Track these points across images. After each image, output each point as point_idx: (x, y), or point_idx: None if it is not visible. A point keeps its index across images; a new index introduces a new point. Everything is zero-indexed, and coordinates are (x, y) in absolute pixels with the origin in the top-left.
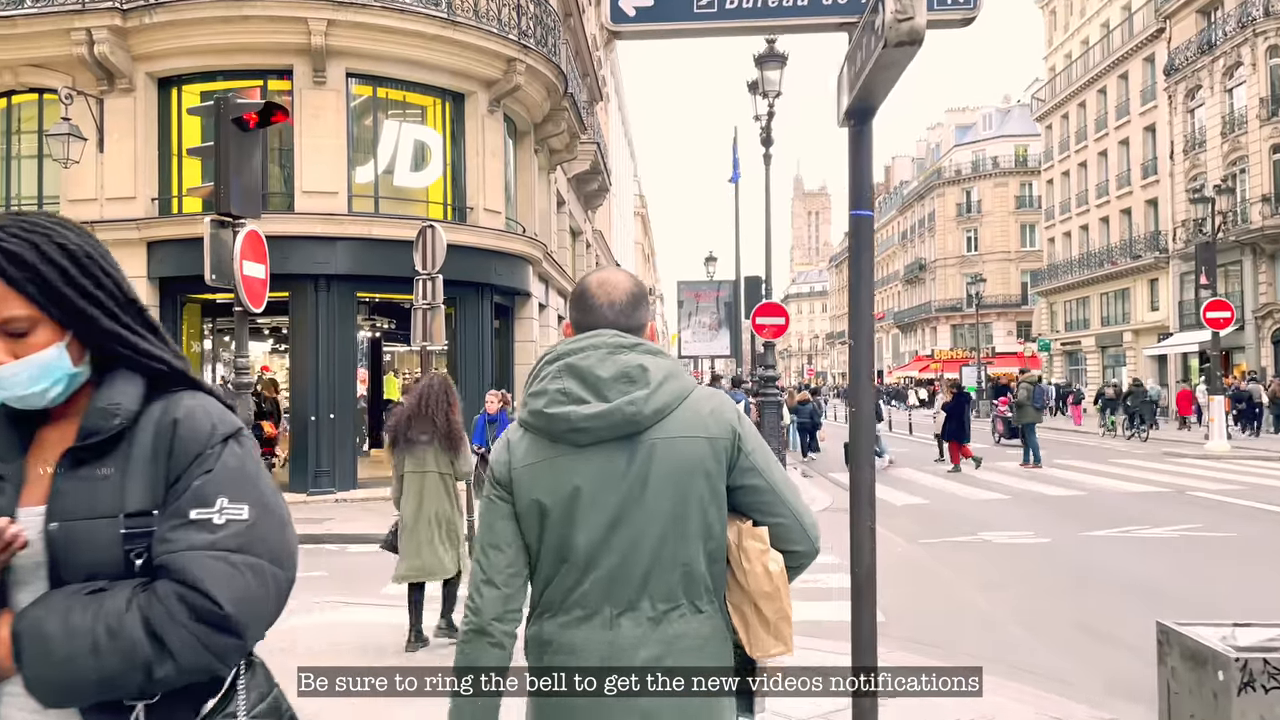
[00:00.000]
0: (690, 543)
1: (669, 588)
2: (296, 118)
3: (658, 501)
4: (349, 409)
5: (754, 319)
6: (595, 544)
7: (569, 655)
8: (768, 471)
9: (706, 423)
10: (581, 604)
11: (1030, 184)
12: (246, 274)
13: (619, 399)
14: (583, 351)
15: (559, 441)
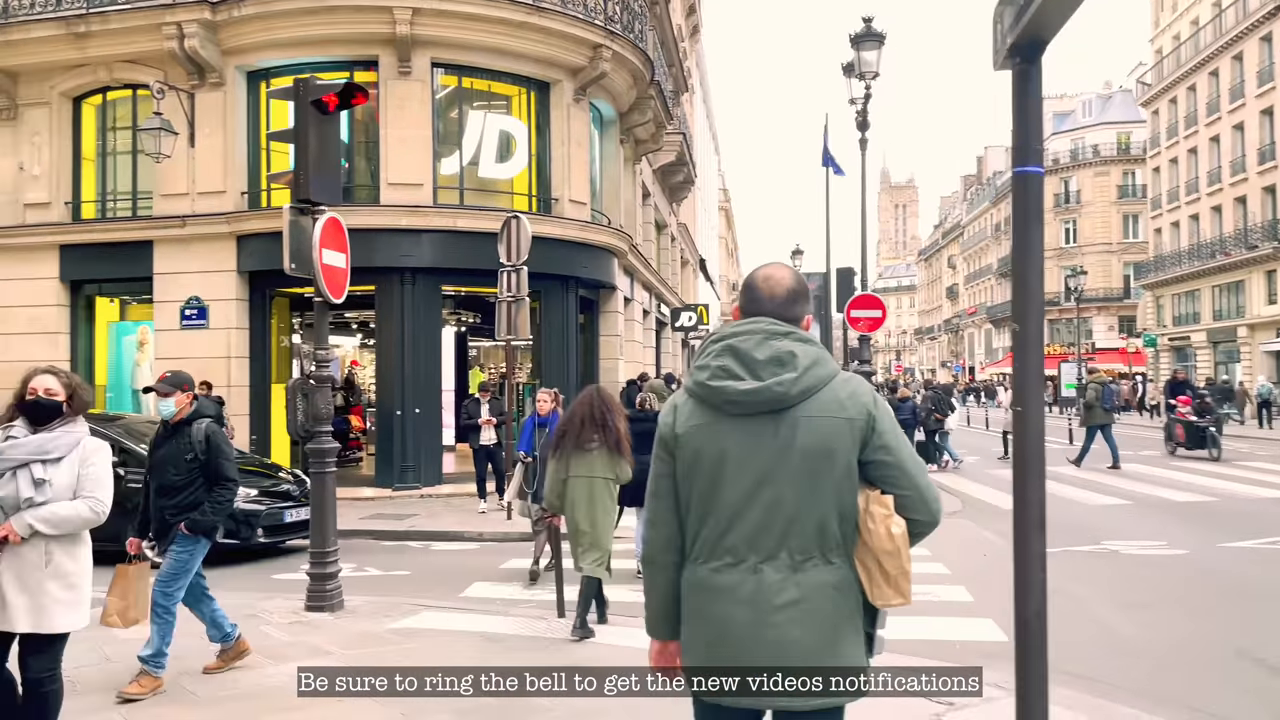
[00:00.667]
0: (824, 505)
1: (804, 542)
2: (381, 109)
3: (797, 469)
4: (434, 404)
5: (848, 311)
6: (740, 501)
7: (719, 594)
8: (897, 450)
9: (844, 405)
10: (731, 552)
11: (1134, 172)
12: (326, 263)
13: (770, 379)
14: (743, 335)
15: (717, 410)
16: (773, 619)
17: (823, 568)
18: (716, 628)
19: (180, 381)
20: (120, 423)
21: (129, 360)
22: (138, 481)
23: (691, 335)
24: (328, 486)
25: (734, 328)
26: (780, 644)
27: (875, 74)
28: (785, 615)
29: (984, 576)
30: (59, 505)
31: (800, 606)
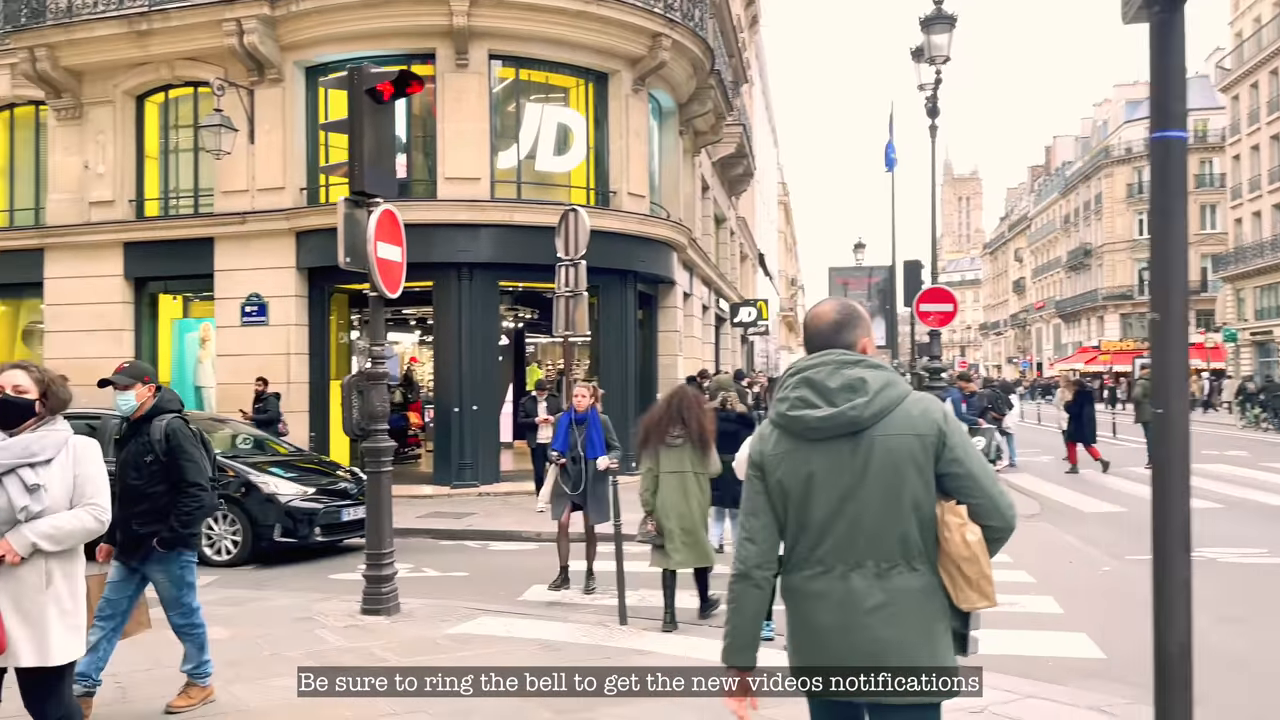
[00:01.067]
0: (903, 516)
1: (888, 551)
2: (439, 102)
3: (876, 484)
4: (492, 401)
5: (918, 305)
6: (827, 517)
7: (816, 599)
8: (968, 462)
9: (916, 423)
10: (821, 562)
11: (1211, 161)
12: (381, 256)
13: (844, 404)
14: (816, 366)
15: (799, 437)
16: (863, 621)
17: (907, 574)
18: (813, 630)
19: (140, 373)
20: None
21: (191, 357)
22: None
23: (751, 331)
24: (383, 486)
25: (808, 360)
26: (873, 643)
27: (946, 58)
28: (874, 618)
29: (1071, 585)
30: (60, 517)
31: (888, 609)
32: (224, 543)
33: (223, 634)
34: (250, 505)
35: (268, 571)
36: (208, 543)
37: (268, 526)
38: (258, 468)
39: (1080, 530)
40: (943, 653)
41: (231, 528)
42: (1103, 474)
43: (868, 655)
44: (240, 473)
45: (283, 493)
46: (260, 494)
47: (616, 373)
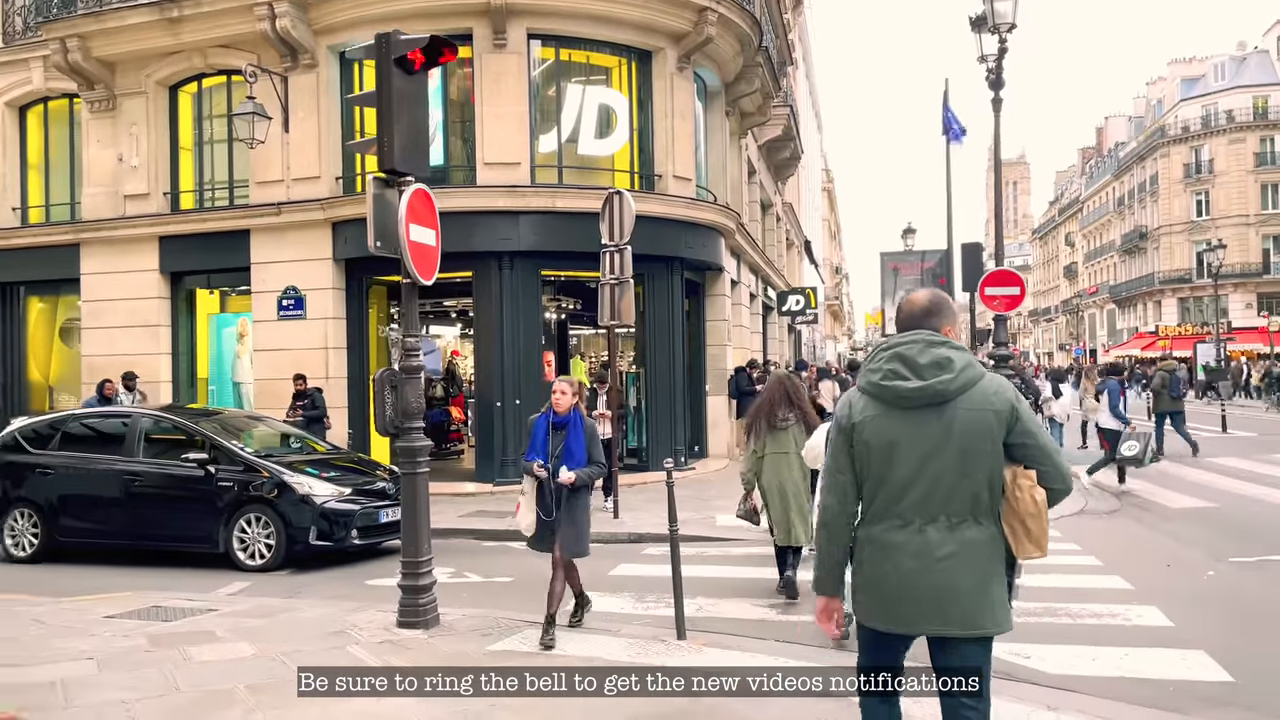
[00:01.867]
0: (976, 479)
1: (960, 508)
2: (477, 85)
3: (954, 451)
4: (535, 394)
5: (982, 289)
6: (909, 476)
7: (893, 549)
8: (1037, 435)
9: (991, 400)
10: (900, 516)
11: (1273, 139)
12: (414, 239)
13: (932, 379)
14: (908, 344)
15: (889, 404)
16: (936, 567)
17: (974, 528)
18: (892, 575)
19: None
20: (216, 418)
21: (229, 353)
22: (230, 481)
23: (799, 320)
24: (419, 488)
25: (900, 338)
26: (942, 587)
27: (1012, 25)
28: (945, 565)
29: (1176, 593)
30: None
31: (957, 558)
32: (258, 546)
33: (246, 651)
34: (284, 507)
35: (303, 577)
36: (240, 546)
37: (303, 529)
38: (292, 467)
39: (1169, 528)
40: (999, 595)
41: (265, 530)
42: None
43: (937, 596)
44: (274, 473)
45: (318, 493)
46: (294, 495)
47: (663, 364)
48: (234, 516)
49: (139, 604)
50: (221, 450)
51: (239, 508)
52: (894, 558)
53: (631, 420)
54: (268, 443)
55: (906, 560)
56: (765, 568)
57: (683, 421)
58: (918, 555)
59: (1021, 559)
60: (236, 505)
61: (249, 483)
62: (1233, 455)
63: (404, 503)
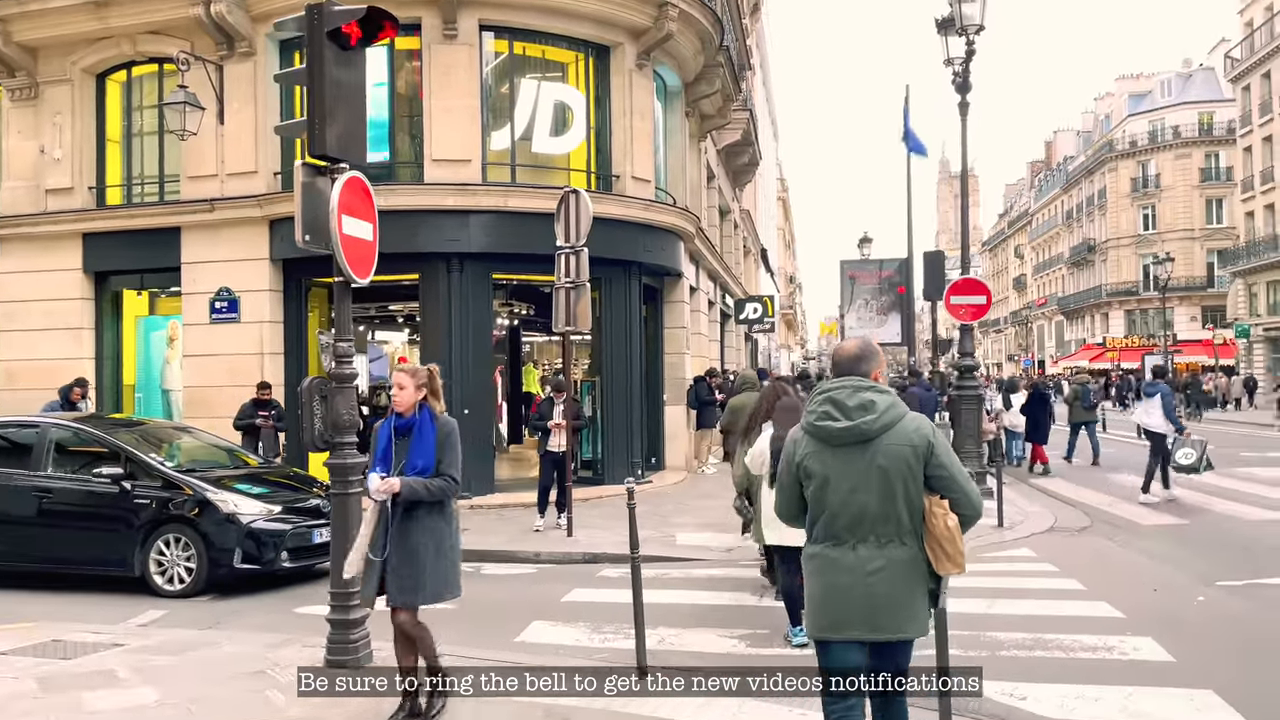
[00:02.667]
0: (897, 505)
1: (886, 530)
2: (425, 77)
3: (878, 481)
4: (485, 403)
5: (948, 298)
6: (841, 503)
7: (830, 564)
8: (949, 467)
9: (911, 437)
10: (836, 536)
11: (1218, 154)
12: (347, 233)
13: (858, 420)
14: (838, 389)
15: (822, 441)
16: (866, 580)
17: (899, 547)
18: (831, 586)
19: None
20: (137, 429)
21: (158, 358)
22: (147, 499)
23: (756, 328)
24: (352, 509)
25: (834, 383)
26: (872, 596)
27: (979, 27)
28: (875, 578)
29: (1169, 621)
30: None
31: (885, 572)
32: (177, 569)
33: (149, 697)
34: (206, 526)
35: (226, 604)
36: (158, 570)
37: (226, 551)
38: (218, 483)
39: (1145, 547)
40: (920, 605)
41: (186, 552)
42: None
43: (869, 605)
44: (196, 489)
45: (244, 512)
46: (218, 513)
47: (620, 372)
48: (151, 537)
49: (38, 637)
50: (139, 464)
51: (157, 527)
52: (833, 571)
53: (586, 431)
54: (194, 456)
55: (842, 575)
56: (730, 592)
57: (640, 432)
58: (851, 570)
59: (942, 574)
60: (155, 525)
61: (169, 500)
62: None
63: (333, 525)
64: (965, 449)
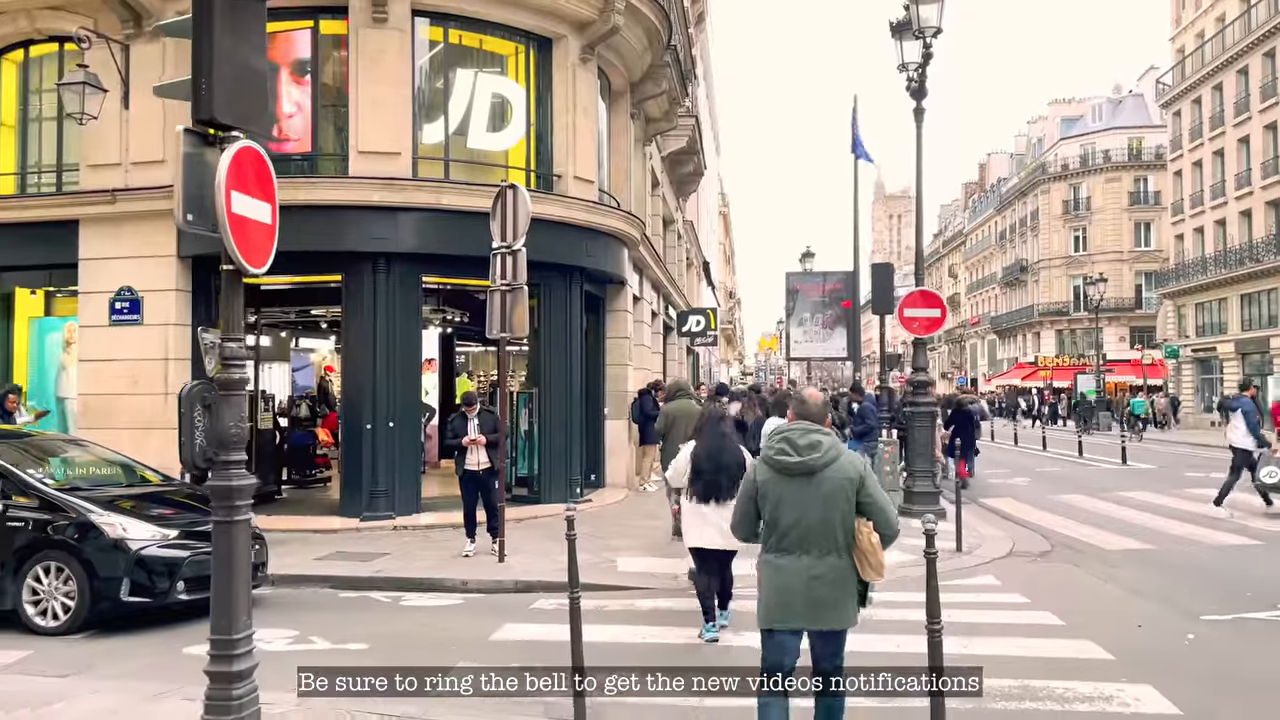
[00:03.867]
0: (835, 524)
1: (825, 544)
2: (352, 63)
3: (820, 506)
4: (412, 416)
5: (901, 311)
6: (790, 522)
7: (780, 569)
8: (875, 495)
9: (848, 471)
10: (786, 549)
11: (1146, 179)
12: (238, 212)
13: (807, 456)
14: (794, 431)
15: (779, 472)
16: (809, 583)
17: (835, 558)
18: (779, 587)
19: None
20: (20, 441)
21: (53, 363)
22: (22, 521)
23: (698, 341)
24: (237, 540)
25: (789, 426)
26: (813, 596)
27: (937, 30)
28: (816, 581)
29: (1166, 665)
30: None
31: (824, 577)
32: (53, 603)
33: None
34: (90, 553)
35: (105, 642)
36: (32, 603)
37: (112, 581)
38: (107, 504)
39: (1117, 575)
40: (851, 603)
41: (65, 583)
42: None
43: (810, 602)
44: (79, 511)
45: (134, 537)
46: (103, 538)
47: (559, 384)
48: (26, 565)
49: None
50: (13, 481)
51: (33, 554)
52: (781, 575)
53: (523, 446)
54: (83, 473)
55: (790, 577)
56: (675, 627)
57: (580, 448)
58: (796, 574)
59: (867, 580)
60: (30, 551)
61: (48, 523)
62: (1142, 489)
63: (215, 559)
64: (918, 467)
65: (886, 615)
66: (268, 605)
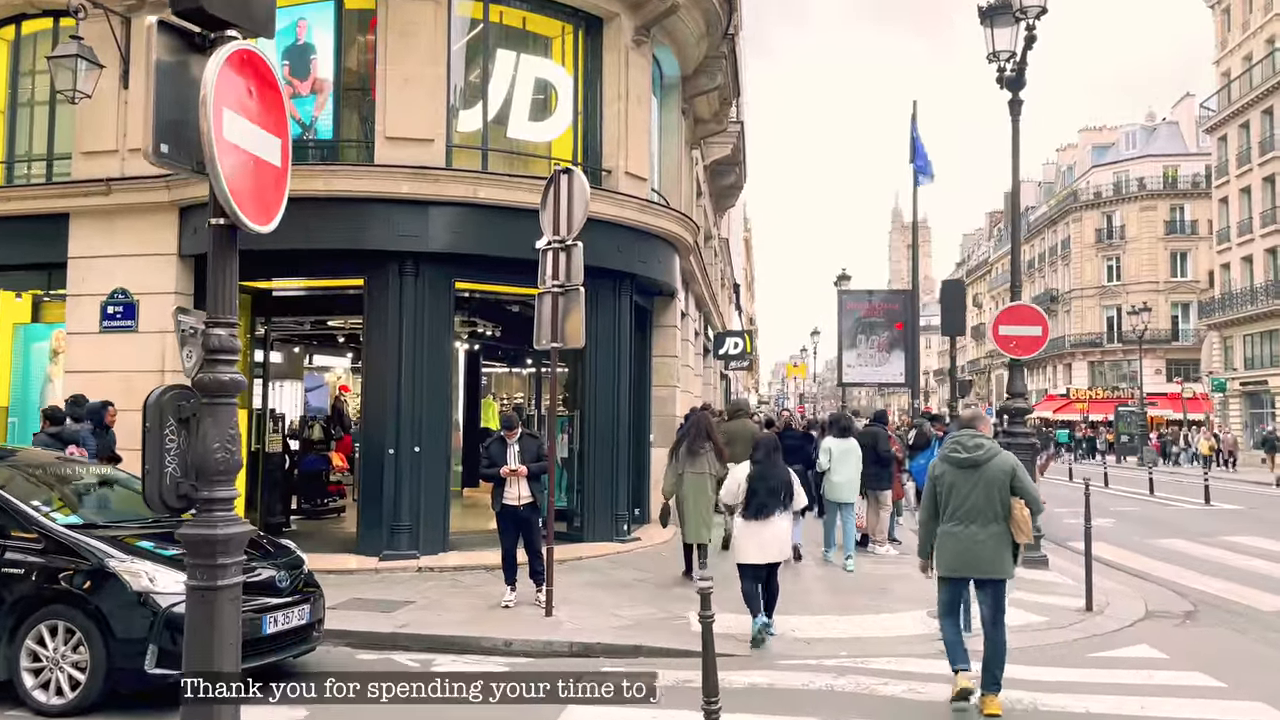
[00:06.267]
0: (995, 501)
1: (988, 515)
2: (380, 37)
3: (983, 488)
4: (441, 440)
5: (995, 329)
6: (960, 500)
7: (954, 538)
8: (1024, 480)
9: (1003, 464)
10: (959, 519)
11: (1182, 207)
12: (233, 141)
13: (975, 453)
14: (963, 435)
15: (952, 465)
16: (976, 545)
17: (995, 525)
18: (954, 549)
19: None
20: (9, 460)
21: (39, 375)
22: (21, 567)
23: (733, 365)
24: (222, 618)
25: (960, 434)
26: (979, 554)
27: (1042, 9)
28: (981, 544)
29: None
30: None
31: (988, 541)
32: (58, 674)
33: None
34: (108, 608)
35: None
36: (32, 669)
37: (135, 645)
38: (124, 545)
39: None
40: (1009, 558)
41: (75, 649)
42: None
43: (977, 558)
44: (94, 554)
45: (163, 589)
46: (124, 590)
47: (605, 407)
48: (25, 625)
49: None
50: (12, 515)
51: (36, 609)
52: (956, 540)
53: (561, 475)
54: (92, 504)
55: (962, 541)
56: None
57: (627, 479)
58: (967, 539)
59: (1021, 542)
60: (32, 606)
61: (54, 570)
62: (1247, 533)
63: (190, 644)
64: None
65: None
66: (272, 674)
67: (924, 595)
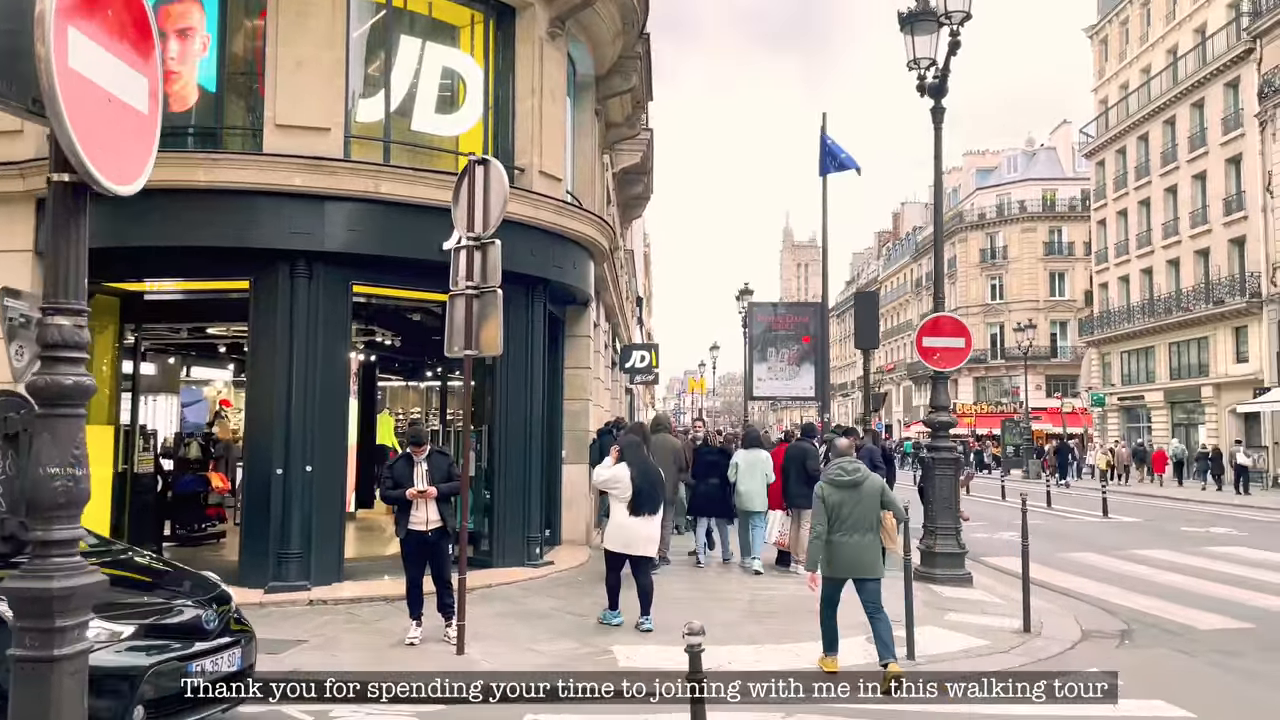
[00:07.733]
0: (872, 515)
1: (865, 526)
2: (271, 17)
3: (863, 503)
4: (336, 459)
5: (920, 340)
6: (846, 514)
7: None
8: (890, 496)
9: (875, 484)
10: (845, 530)
11: (1060, 229)
12: (80, 70)
13: (854, 475)
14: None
15: (836, 486)
16: (861, 550)
17: (871, 534)
18: (844, 556)
19: None
20: None
21: None
22: None
23: (638, 379)
24: (63, 694)
25: (840, 460)
26: (863, 559)
27: (966, 15)
28: (865, 549)
29: None
30: None
31: (868, 548)
32: None
33: None
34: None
35: None
36: None
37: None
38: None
39: (1245, 667)
40: (881, 562)
41: None
42: None
43: (860, 562)
44: None
45: None
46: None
47: (517, 422)
48: None
49: None
50: None
51: None
52: (842, 548)
53: (472, 496)
54: None
55: (847, 550)
56: None
57: (540, 498)
58: (854, 546)
59: (887, 548)
60: None
61: None
62: (1154, 546)
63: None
64: (940, 523)
65: None
66: None
67: (854, 620)
